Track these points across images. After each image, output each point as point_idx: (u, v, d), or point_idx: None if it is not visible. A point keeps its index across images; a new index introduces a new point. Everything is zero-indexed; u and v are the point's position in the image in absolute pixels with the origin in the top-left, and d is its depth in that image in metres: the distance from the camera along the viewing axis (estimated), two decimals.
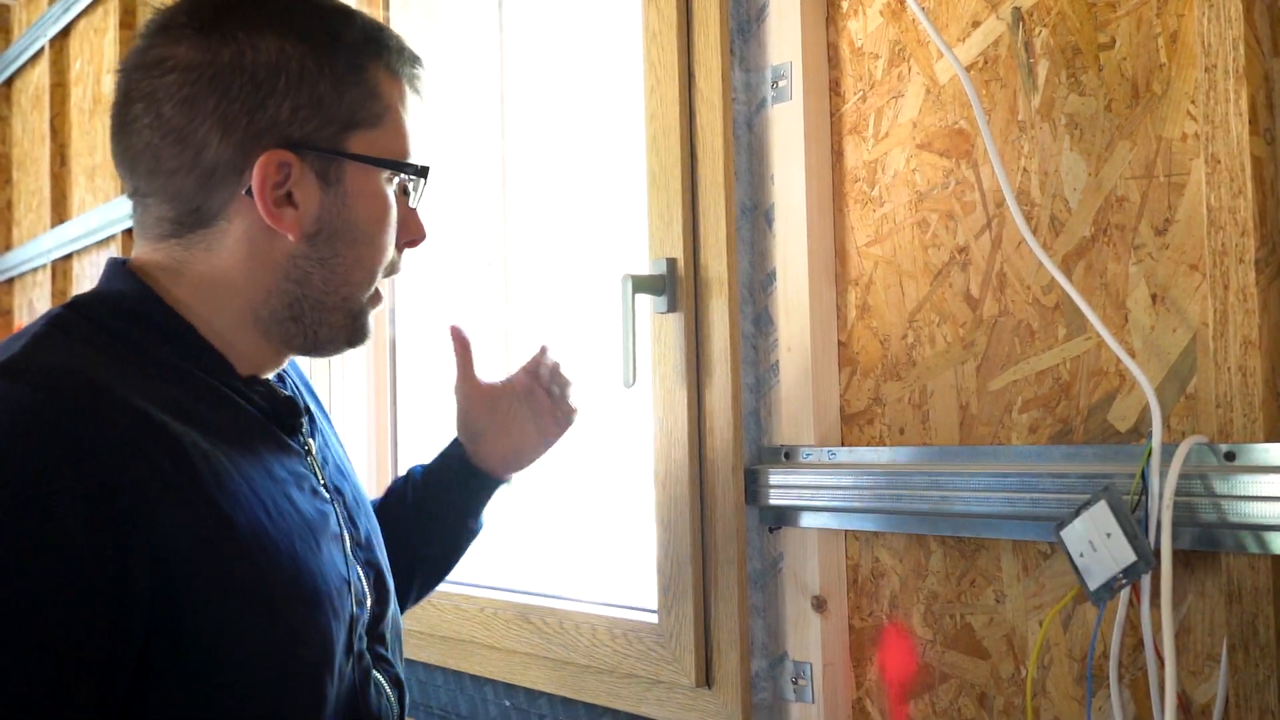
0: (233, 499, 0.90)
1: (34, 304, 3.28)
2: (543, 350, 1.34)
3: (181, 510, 0.85)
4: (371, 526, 1.11)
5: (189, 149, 0.94)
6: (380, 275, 1.03)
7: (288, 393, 1.04)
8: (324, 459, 1.06)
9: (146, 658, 0.84)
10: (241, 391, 0.98)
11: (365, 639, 1.02)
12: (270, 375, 1.04)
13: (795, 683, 1.25)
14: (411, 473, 1.33)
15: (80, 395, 0.84)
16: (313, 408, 1.11)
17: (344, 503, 1.06)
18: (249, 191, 0.95)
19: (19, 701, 0.78)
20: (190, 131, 0.94)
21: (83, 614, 0.80)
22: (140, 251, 1.00)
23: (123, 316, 0.95)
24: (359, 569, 1.04)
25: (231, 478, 0.91)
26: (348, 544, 1.03)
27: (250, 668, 0.88)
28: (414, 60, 1.04)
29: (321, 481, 1.03)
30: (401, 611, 1.29)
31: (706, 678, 1.28)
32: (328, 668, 0.94)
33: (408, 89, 1.03)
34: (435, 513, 1.29)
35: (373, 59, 0.99)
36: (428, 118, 1.93)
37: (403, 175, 1.02)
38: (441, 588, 1.68)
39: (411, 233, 1.05)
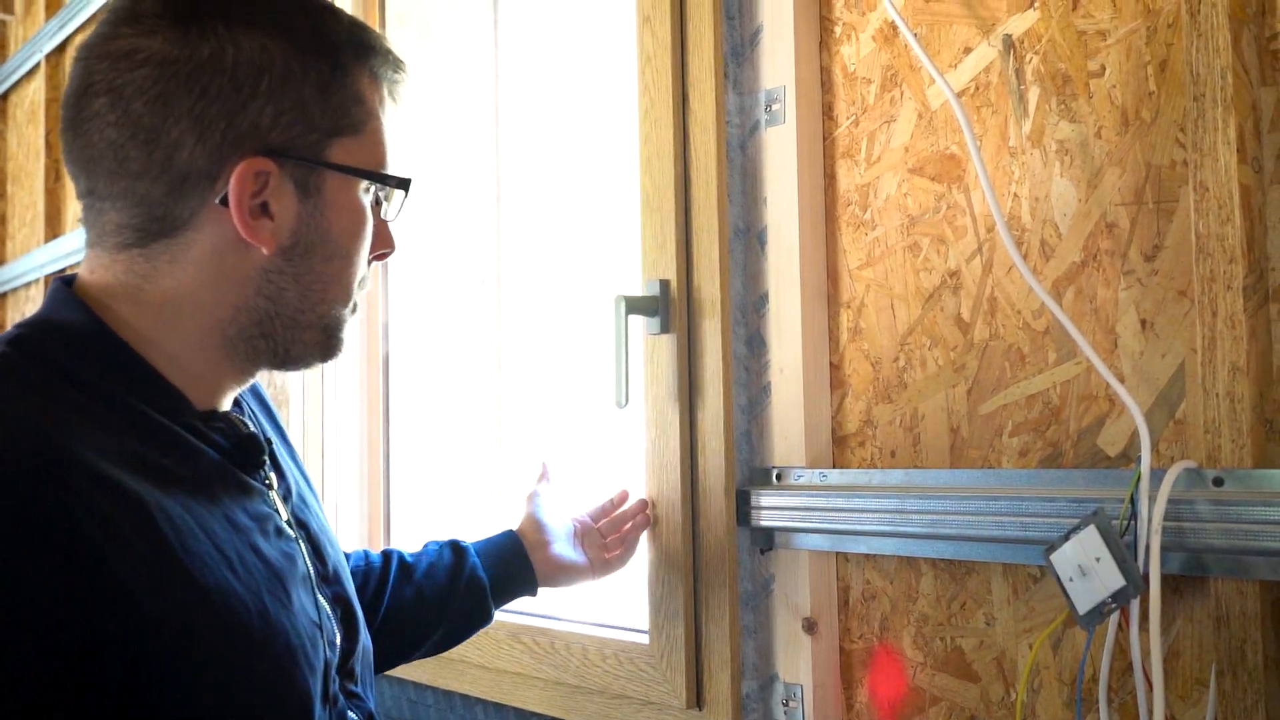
0: (199, 561, 0.84)
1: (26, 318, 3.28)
2: (610, 504, 1.39)
3: (149, 585, 0.79)
4: (338, 557, 1.05)
5: (159, 151, 0.87)
6: (356, 290, 0.97)
7: (249, 428, 0.97)
8: (286, 492, 1.00)
9: None
10: (199, 432, 0.91)
11: (337, 680, 0.97)
12: (228, 404, 0.98)
13: (786, 705, 1.25)
14: (462, 550, 1.32)
15: (40, 461, 0.77)
16: (270, 433, 1.05)
17: (309, 536, 1.01)
18: (223, 200, 0.88)
19: None
20: (163, 132, 0.86)
21: (51, 698, 0.75)
22: (94, 265, 0.92)
23: (71, 352, 0.87)
24: (328, 606, 0.99)
25: (195, 536, 0.84)
26: (314, 580, 0.97)
27: None
28: (398, 65, 0.98)
29: (285, 519, 0.97)
30: (389, 669, 1.30)
31: (697, 699, 1.28)
32: (308, 718, 0.90)
33: (388, 95, 0.97)
34: (473, 594, 1.30)
35: (358, 62, 0.93)
36: (406, 125, 1.93)
37: (380, 187, 0.96)
38: None
39: (382, 245, 1.00)
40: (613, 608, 1.53)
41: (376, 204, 0.98)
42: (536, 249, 1.87)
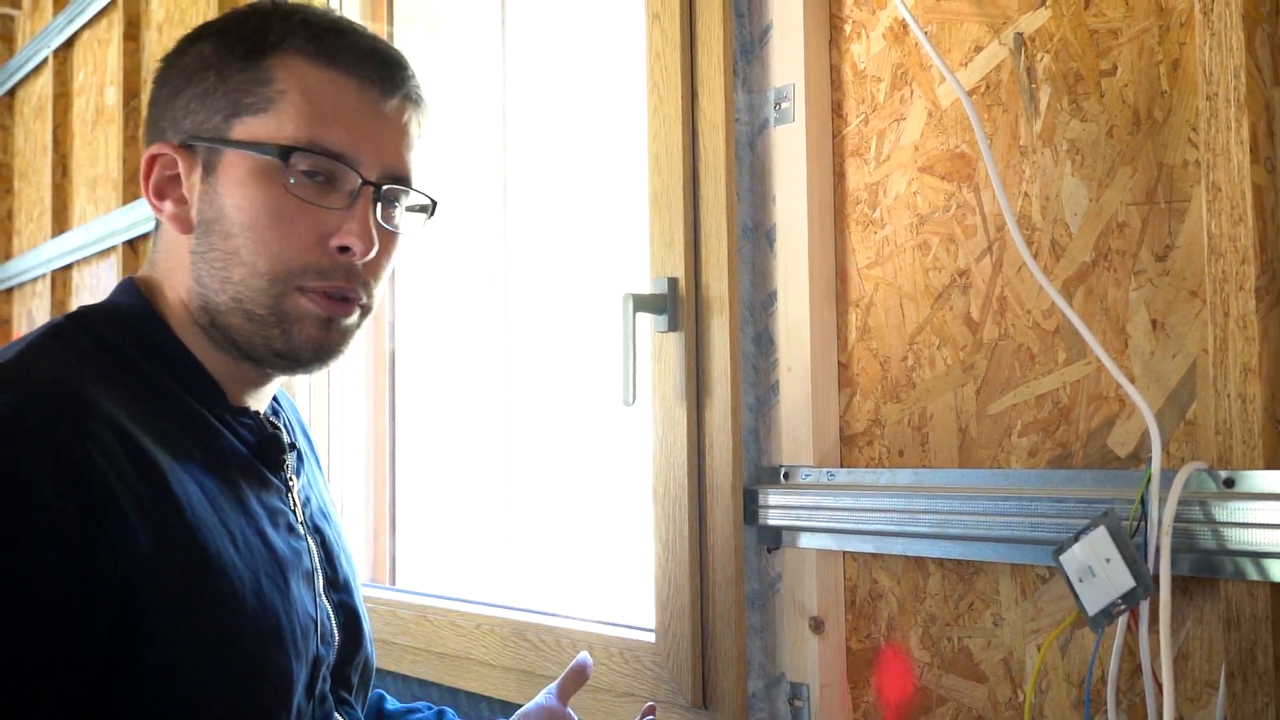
0: (204, 527, 0.88)
1: (33, 314, 3.28)
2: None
3: (152, 533, 0.84)
4: (351, 571, 1.09)
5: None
6: (285, 277, 0.93)
7: (274, 429, 1.01)
8: (305, 498, 1.04)
9: (103, 682, 0.82)
10: (229, 423, 0.97)
11: (329, 680, 0.99)
12: (262, 405, 1.02)
13: (792, 704, 1.24)
14: None
15: (65, 406, 0.83)
16: (303, 448, 1.09)
17: (323, 543, 1.04)
18: None
19: None
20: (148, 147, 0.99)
21: (48, 631, 0.79)
22: (148, 263, 1.02)
23: (122, 332, 0.95)
24: (330, 609, 1.01)
25: (204, 506, 0.89)
26: (321, 583, 1.01)
27: (206, 699, 0.86)
28: (329, 30, 0.96)
29: (299, 519, 1.00)
30: None
31: (703, 698, 1.28)
32: (285, 706, 0.92)
33: (341, 74, 0.95)
34: None
35: (276, 43, 0.95)
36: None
37: (284, 159, 0.92)
38: (438, 604, 1.69)
39: (341, 238, 0.94)
40: (619, 606, 1.53)
41: (321, 185, 0.95)
42: (543, 246, 1.87)
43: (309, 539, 1.01)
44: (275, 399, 1.08)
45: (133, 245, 2.65)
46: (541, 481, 1.84)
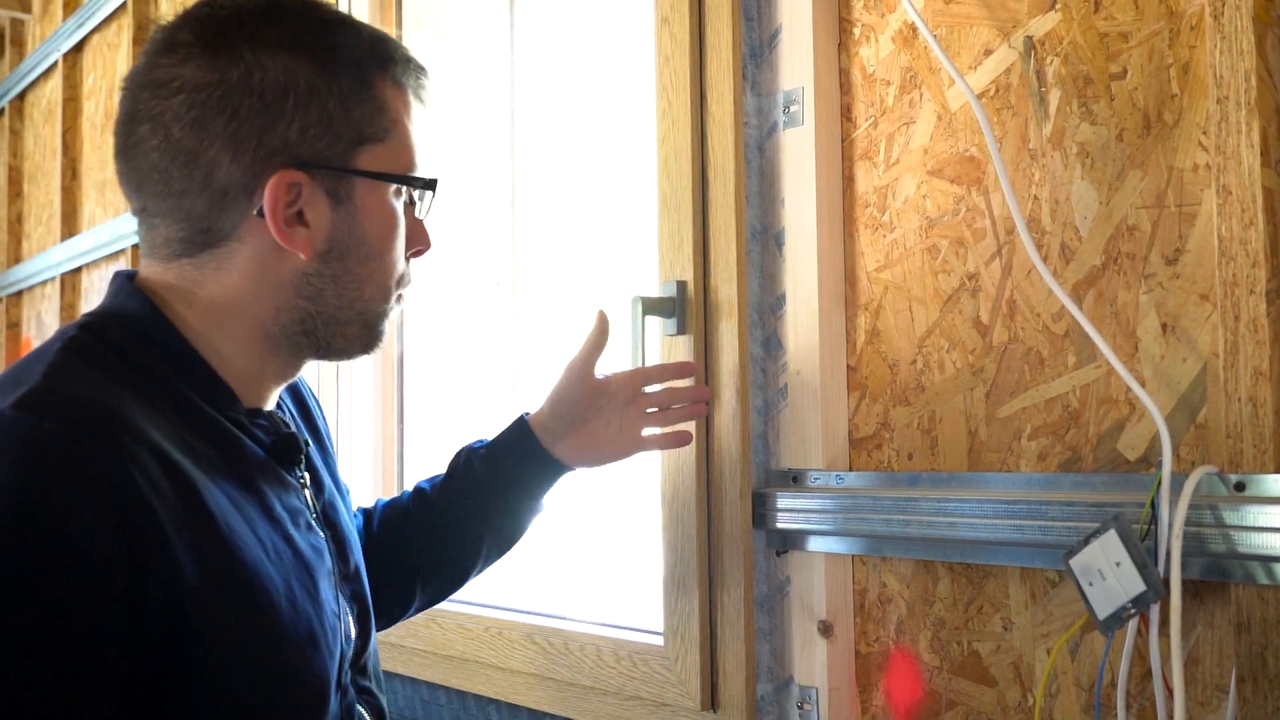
0: (239, 540, 0.89)
1: (42, 316, 3.29)
2: (666, 369, 1.28)
3: (193, 549, 0.84)
4: (358, 558, 1.10)
5: (199, 171, 0.93)
6: (394, 288, 1.02)
7: (289, 427, 1.03)
8: (318, 491, 1.06)
9: (151, 705, 0.83)
10: (244, 426, 0.97)
11: (350, 672, 1.01)
12: (273, 403, 1.04)
13: (801, 707, 1.24)
14: (474, 450, 1.28)
15: (105, 430, 0.82)
16: (306, 434, 1.10)
17: (335, 535, 1.05)
18: (260, 212, 0.93)
19: None
20: (200, 153, 0.92)
21: (102, 652, 0.79)
22: (149, 269, 0.99)
23: (135, 339, 0.94)
24: (346, 603, 1.03)
25: (236, 519, 0.90)
26: (337, 577, 1.03)
27: (249, 709, 0.87)
28: (419, 70, 1.03)
29: (314, 515, 1.02)
30: (465, 583, 1.29)
31: (712, 701, 1.28)
32: (322, 708, 0.94)
33: (413, 99, 1.02)
34: (502, 492, 1.25)
35: (378, 72, 0.98)
36: (433, 127, 1.93)
37: (411, 189, 1.01)
38: (446, 606, 1.69)
39: (418, 243, 1.05)
40: (627, 609, 1.53)
41: (410, 204, 1.03)
42: (552, 249, 1.87)
43: (324, 533, 1.03)
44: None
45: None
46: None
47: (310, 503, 1.02)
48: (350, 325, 1.00)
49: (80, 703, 0.79)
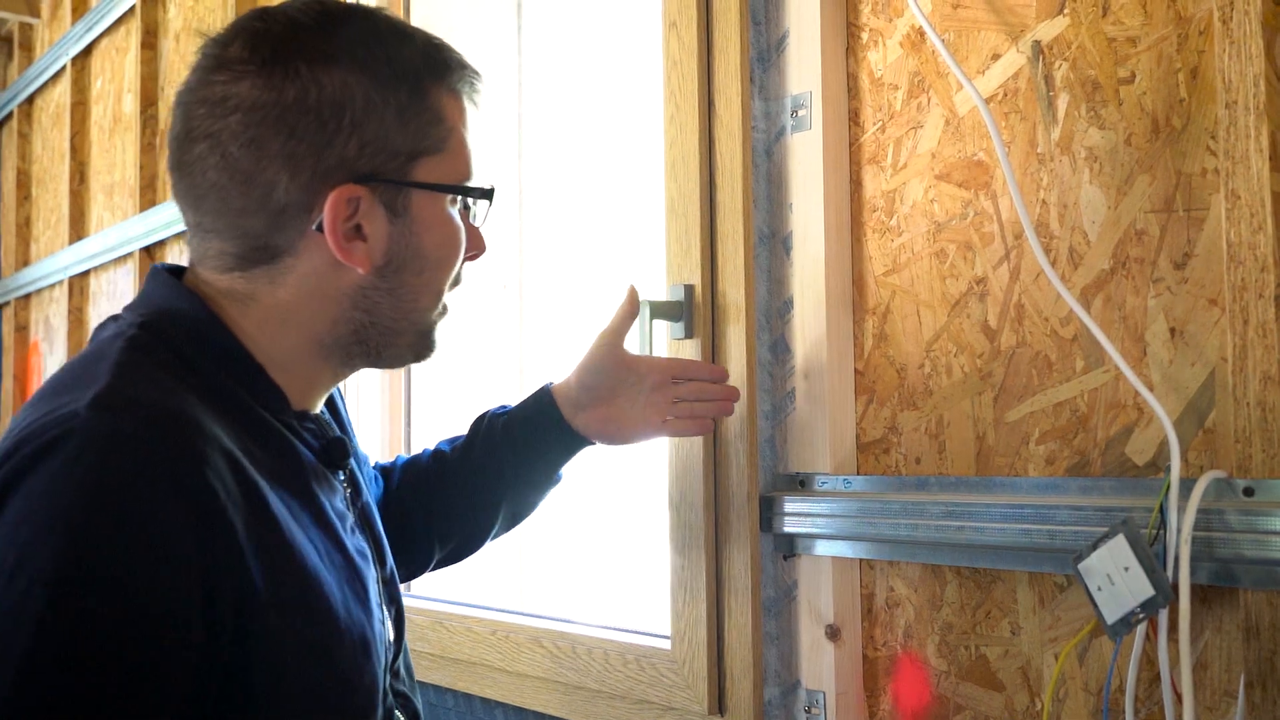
0: (301, 545, 0.90)
1: (50, 320, 3.30)
2: (702, 368, 1.25)
3: (260, 554, 0.85)
4: (392, 561, 1.11)
5: (257, 190, 0.92)
6: (446, 291, 1.03)
7: (334, 430, 1.04)
8: (357, 491, 1.06)
9: (217, 710, 0.84)
10: (295, 430, 0.98)
11: (388, 677, 1.02)
12: (319, 407, 1.04)
13: (808, 712, 1.24)
14: (495, 416, 1.28)
15: (182, 434, 0.83)
16: (345, 421, 1.12)
17: (374, 537, 1.07)
18: (319, 227, 0.93)
19: None
20: (258, 173, 0.92)
21: (173, 666, 0.80)
22: (200, 273, 0.98)
23: (191, 340, 0.93)
24: (386, 607, 1.04)
25: (296, 524, 0.90)
26: (380, 581, 1.03)
27: (306, 714, 0.88)
28: (474, 75, 1.02)
29: (356, 518, 1.03)
30: (482, 546, 1.30)
31: (719, 706, 1.28)
32: (373, 714, 0.95)
33: (468, 105, 1.01)
34: (521, 461, 1.25)
35: (434, 81, 0.97)
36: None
37: (471, 197, 1.01)
38: (453, 610, 1.69)
39: (474, 247, 1.05)
40: (634, 612, 1.53)
41: (465, 210, 1.03)
42: (559, 253, 1.87)
43: (364, 535, 1.04)
44: None
45: (149, 251, 2.66)
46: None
47: (352, 506, 1.03)
48: (404, 335, 1.00)
49: (153, 702, 0.79)
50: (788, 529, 1.25)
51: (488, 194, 1.02)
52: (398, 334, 1.00)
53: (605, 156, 1.78)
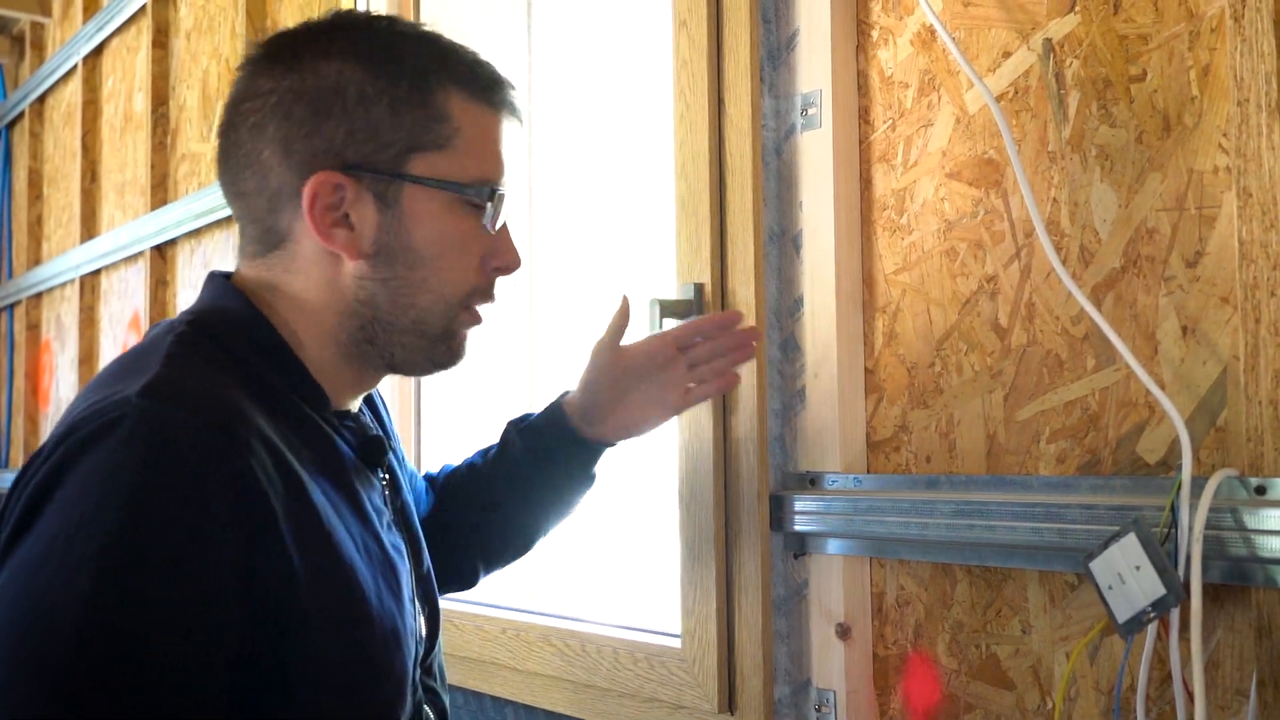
0: (338, 536, 0.92)
1: (61, 318, 3.31)
2: (703, 323, 1.23)
3: (299, 542, 0.87)
4: (428, 560, 1.13)
5: (258, 172, 0.97)
6: (461, 300, 1.02)
7: (373, 429, 1.05)
8: (394, 491, 1.08)
9: (255, 694, 0.85)
10: (335, 427, 1.00)
11: (419, 671, 1.04)
12: (357, 406, 1.06)
13: (819, 710, 1.24)
14: (517, 428, 1.28)
15: (229, 423, 0.85)
16: (387, 425, 1.14)
17: (411, 535, 1.08)
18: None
19: (152, 711, 0.79)
20: (257, 155, 0.97)
21: (216, 650, 0.82)
22: (240, 269, 1.03)
23: (237, 337, 0.97)
24: (419, 603, 1.06)
25: (333, 514, 0.92)
26: (413, 578, 1.05)
27: (336, 703, 0.90)
28: (496, 83, 1.02)
29: (394, 516, 1.05)
30: (522, 555, 1.32)
31: (730, 704, 1.28)
32: (401, 704, 0.96)
33: (493, 110, 1.01)
34: (544, 474, 1.26)
35: (443, 81, 0.98)
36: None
37: (468, 197, 0.99)
38: (463, 608, 1.69)
39: (498, 260, 1.03)
40: (645, 611, 1.53)
41: (477, 214, 1.01)
42: (569, 251, 1.87)
43: (402, 534, 1.06)
44: None
45: (160, 250, 2.67)
46: None
47: (390, 504, 1.05)
48: (406, 334, 1.00)
49: (196, 675, 0.81)
50: (798, 527, 1.25)
51: (486, 195, 1.00)
52: (399, 332, 1.00)
53: (615, 155, 1.78)
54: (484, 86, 1.01)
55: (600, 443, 1.25)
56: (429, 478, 1.34)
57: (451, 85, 0.99)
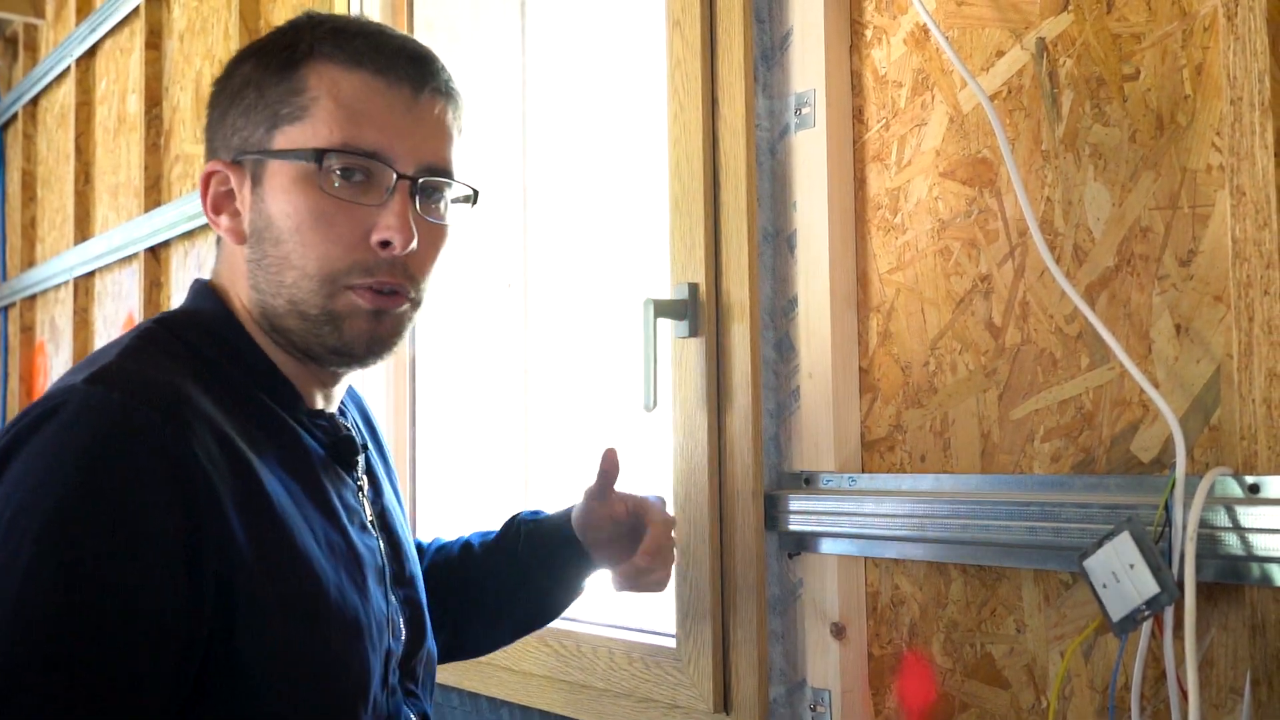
0: (293, 523, 0.92)
1: (55, 320, 3.30)
2: (657, 526, 1.21)
3: (249, 532, 0.88)
4: (415, 568, 1.12)
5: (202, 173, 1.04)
6: (334, 276, 0.95)
7: (347, 431, 1.06)
8: (374, 496, 1.08)
9: (202, 678, 0.86)
10: (305, 425, 1.01)
11: (398, 673, 1.03)
12: (332, 406, 1.06)
13: (814, 710, 1.24)
14: (523, 527, 1.27)
15: (169, 405, 0.87)
16: (370, 445, 1.13)
17: (390, 539, 1.08)
18: None
19: (93, 699, 0.80)
20: (202, 153, 1.06)
21: (157, 632, 0.83)
22: (215, 271, 1.07)
23: (206, 337, 0.99)
24: (398, 605, 1.06)
25: (291, 505, 0.93)
26: (389, 580, 1.05)
27: (296, 692, 0.90)
28: (377, 50, 0.97)
29: (370, 518, 1.05)
30: (492, 650, 1.32)
31: (725, 703, 1.28)
32: (363, 698, 0.96)
33: (370, 75, 0.96)
34: (541, 579, 1.26)
35: (306, 53, 0.98)
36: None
37: (319, 162, 0.95)
38: None
39: (381, 233, 0.96)
40: (640, 611, 1.53)
41: (356, 184, 0.96)
42: (563, 252, 1.87)
43: (379, 536, 1.05)
44: (344, 399, 1.12)
45: (154, 252, 2.67)
46: (562, 487, 1.84)
47: (365, 505, 1.05)
48: (290, 318, 0.98)
49: (135, 674, 0.82)
50: (793, 527, 1.25)
51: (319, 155, 0.94)
52: (282, 315, 0.98)
53: (609, 155, 1.78)
54: (357, 53, 0.97)
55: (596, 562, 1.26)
56: (417, 545, 1.30)
57: (318, 58, 0.97)
